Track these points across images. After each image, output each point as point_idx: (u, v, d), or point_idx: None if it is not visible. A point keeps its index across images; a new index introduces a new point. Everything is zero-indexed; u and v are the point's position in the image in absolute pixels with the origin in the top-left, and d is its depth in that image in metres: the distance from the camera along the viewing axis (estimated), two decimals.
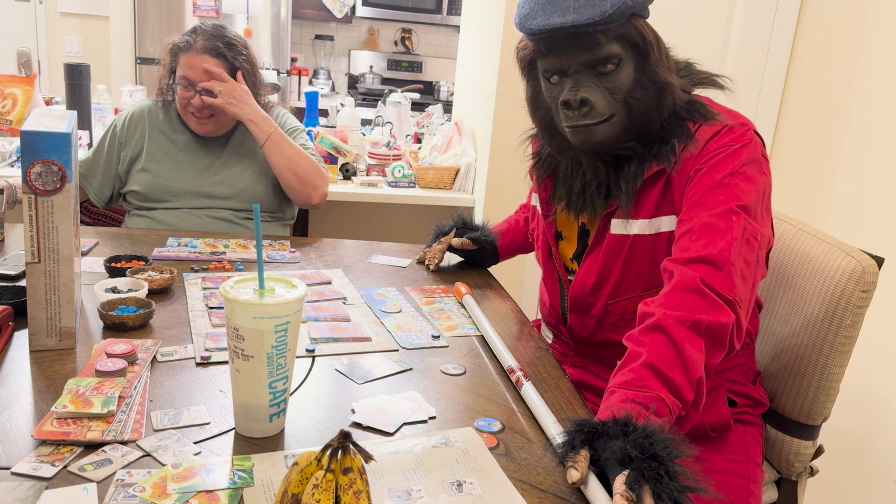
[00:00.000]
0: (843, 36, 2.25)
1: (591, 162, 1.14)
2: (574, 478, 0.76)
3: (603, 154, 1.13)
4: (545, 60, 1.09)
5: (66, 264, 1.01)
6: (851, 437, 2.07)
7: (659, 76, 1.07)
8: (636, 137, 1.10)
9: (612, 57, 1.05)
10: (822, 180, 2.31)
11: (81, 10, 4.55)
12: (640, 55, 1.06)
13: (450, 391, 1.01)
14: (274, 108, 1.98)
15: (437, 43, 5.34)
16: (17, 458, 0.78)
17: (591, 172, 1.15)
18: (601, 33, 1.03)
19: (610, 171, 1.14)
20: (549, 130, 1.17)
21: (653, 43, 1.07)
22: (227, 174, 1.85)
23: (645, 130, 1.10)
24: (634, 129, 1.09)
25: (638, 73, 1.07)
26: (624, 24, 1.04)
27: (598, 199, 1.16)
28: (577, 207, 1.18)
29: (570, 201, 1.19)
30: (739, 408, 1.22)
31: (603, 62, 1.05)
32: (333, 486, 0.63)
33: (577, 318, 1.24)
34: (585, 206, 1.17)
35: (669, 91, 1.08)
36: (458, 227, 1.55)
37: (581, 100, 1.05)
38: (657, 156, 1.10)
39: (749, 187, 1.04)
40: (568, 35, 1.04)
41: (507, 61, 2.31)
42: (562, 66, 1.07)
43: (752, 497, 1.16)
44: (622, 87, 1.06)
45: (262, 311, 0.79)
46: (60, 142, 0.96)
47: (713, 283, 0.95)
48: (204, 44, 1.78)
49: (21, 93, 2.44)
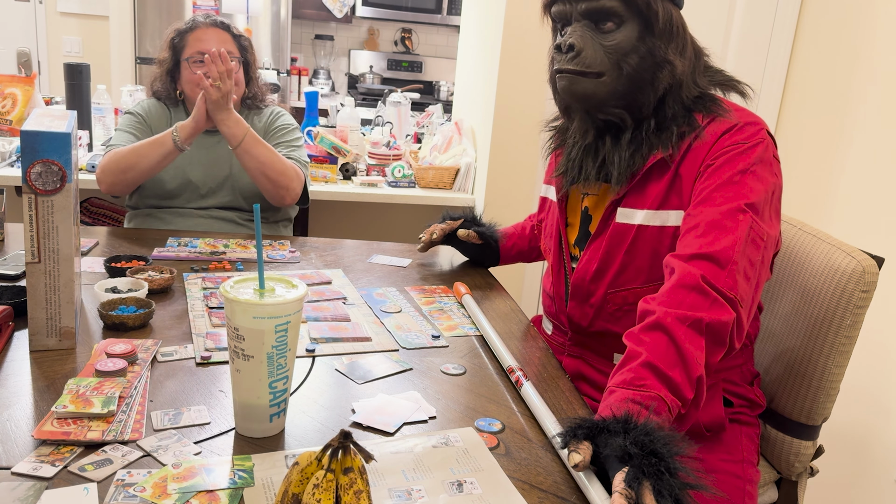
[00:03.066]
0: (843, 36, 2.25)
1: (581, 123, 1.16)
2: (576, 460, 0.76)
3: (595, 116, 1.14)
4: (555, 7, 1.14)
5: (66, 264, 1.01)
6: (851, 437, 2.07)
7: (660, 51, 1.09)
8: (625, 106, 1.12)
9: (613, 14, 1.08)
10: (822, 180, 2.31)
11: (81, 10, 4.55)
12: (646, 24, 1.09)
13: (450, 391, 1.01)
14: (270, 105, 1.98)
15: (437, 43, 5.34)
16: (18, 458, 0.78)
17: (581, 134, 1.17)
18: None
19: (606, 140, 1.15)
20: (553, 85, 1.20)
21: (659, 15, 1.08)
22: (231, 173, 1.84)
23: (636, 102, 1.11)
24: (624, 95, 1.11)
25: (638, 41, 1.09)
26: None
27: (591, 169, 1.16)
28: (571, 172, 1.19)
29: (567, 170, 1.20)
30: (735, 408, 1.22)
31: (603, 17, 1.09)
32: (334, 486, 0.63)
33: (577, 306, 1.24)
34: (580, 174, 1.18)
35: (669, 70, 1.09)
36: (467, 220, 1.56)
37: (570, 44, 1.09)
38: (655, 138, 1.11)
39: (758, 186, 1.03)
40: None
41: (508, 61, 2.31)
42: (566, 14, 1.12)
43: (747, 497, 1.16)
44: (618, 48, 1.09)
45: (263, 311, 0.79)
46: (60, 142, 0.96)
47: (715, 280, 0.95)
48: (208, 20, 1.81)
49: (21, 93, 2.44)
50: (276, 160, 1.75)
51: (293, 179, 1.78)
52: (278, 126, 1.92)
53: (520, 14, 2.27)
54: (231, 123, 1.70)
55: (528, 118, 2.34)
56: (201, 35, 1.80)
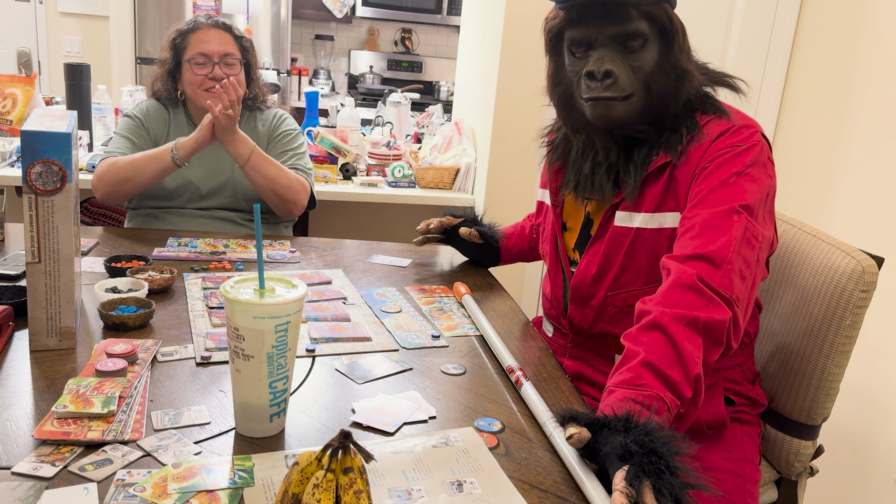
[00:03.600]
0: (843, 36, 2.25)
1: (603, 142, 1.15)
2: (571, 432, 0.76)
3: (616, 135, 1.14)
4: (574, 30, 1.11)
5: (66, 264, 1.01)
6: (851, 437, 2.07)
7: (681, 63, 1.09)
8: (651, 122, 1.12)
9: (640, 34, 1.07)
10: (822, 180, 2.31)
11: (81, 10, 4.55)
12: (666, 39, 1.09)
13: (450, 391, 1.01)
14: (272, 107, 1.97)
15: (437, 43, 5.34)
16: (18, 458, 0.78)
17: (603, 153, 1.16)
18: (633, 6, 1.05)
19: (621, 154, 1.15)
20: (566, 107, 1.18)
21: (679, 29, 1.09)
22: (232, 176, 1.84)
23: (660, 116, 1.12)
24: (651, 112, 1.11)
25: (661, 56, 1.09)
26: (654, 4, 1.07)
27: (606, 183, 1.16)
28: (586, 190, 1.19)
29: (579, 184, 1.20)
30: (736, 407, 1.22)
31: (630, 38, 1.07)
32: (334, 486, 0.63)
33: (577, 309, 1.24)
34: (594, 189, 1.17)
35: (688, 80, 1.10)
36: (468, 220, 1.56)
37: (606, 71, 1.07)
38: (665, 145, 1.11)
39: (753, 188, 1.04)
40: (599, 5, 1.06)
41: (508, 61, 2.31)
42: (589, 38, 1.09)
43: (748, 496, 1.17)
44: (645, 67, 1.08)
45: (263, 311, 0.79)
46: (60, 142, 0.96)
47: (710, 280, 0.96)
48: (210, 21, 1.80)
49: (21, 93, 2.44)
50: (282, 175, 1.76)
51: (300, 192, 1.80)
52: (282, 132, 1.92)
53: (520, 14, 2.27)
54: (238, 143, 1.70)
55: (528, 118, 2.34)
56: (203, 36, 1.79)
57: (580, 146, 1.21)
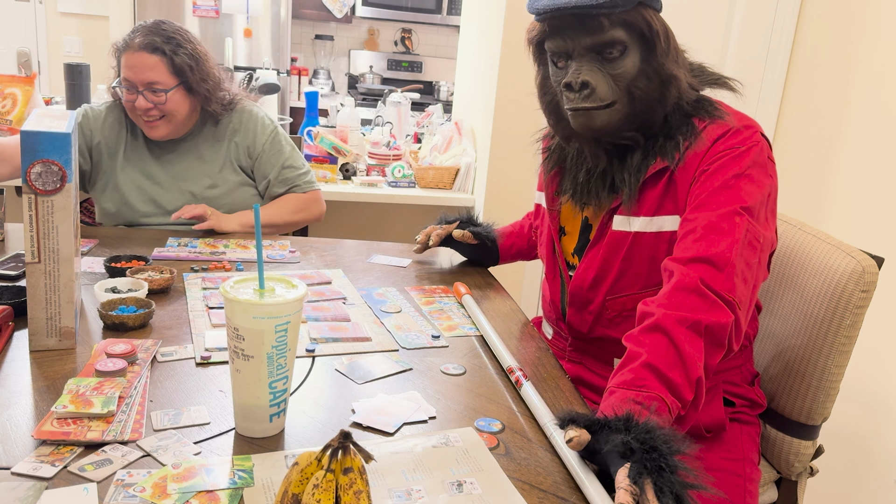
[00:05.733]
0: (842, 36, 2.25)
1: (592, 150, 1.15)
2: (571, 435, 0.76)
3: (605, 143, 1.13)
4: (551, 42, 1.10)
5: (66, 264, 1.01)
6: (851, 437, 2.07)
7: (665, 68, 1.08)
8: (638, 128, 1.11)
9: (617, 43, 1.06)
10: (822, 180, 2.31)
11: (81, 10, 4.55)
12: (647, 45, 1.07)
13: (450, 391, 1.01)
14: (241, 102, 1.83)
15: (437, 43, 5.34)
16: (18, 458, 0.78)
17: (593, 160, 1.16)
18: (605, 17, 1.04)
19: (613, 161, 1.14)
20: (554, 115, 1.19)
21: (660, 34, 1.07)
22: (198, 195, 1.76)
23: (647, 122, 1.11)
24: (636, 119, 1.10)
25: (643, 62, 1.07)
26: (631, 11, 1.05)
27: (602, 191, 1.16)
28: (582, 197, 1.19)
29: (575, 191, 1.20)
30: (736, 408, 1.22)
31: (607, 47, 1.06)
32: (334, 486, 0.63)
33: (576, 314, 1.24)
34: (590, 196, 1.17)
35: (675, 85, 1.09)
36: (463, 222, 1.56)
37: (582, 82, 1.07)
38: (661, 151, 1.10)
39: (754, 189, 1.04)
40: (572, 17, 1.05)
41: (508, 61, 2.31)
42: (566, 49, 1.09)
43: (748, 496, 1.17)
44: (625, 74, 1.07)
45: (263, 311, 0.79)
46: (60, 142, 0.96)
47: (713, 283, 0.95)
48: (142, 40, 1.64)
49: (21, 93, 2.44)
50: (287, 209, 1.78)
51: (312, 209, 1.82)
52: (275, 152, 1.80)
53: (520, 14, 2.27)
54: (233, 225, 1.71)
55: (529, 118, 2.34)
56: (128, 61, 1.65)
57: (574, 154, 1.21)
